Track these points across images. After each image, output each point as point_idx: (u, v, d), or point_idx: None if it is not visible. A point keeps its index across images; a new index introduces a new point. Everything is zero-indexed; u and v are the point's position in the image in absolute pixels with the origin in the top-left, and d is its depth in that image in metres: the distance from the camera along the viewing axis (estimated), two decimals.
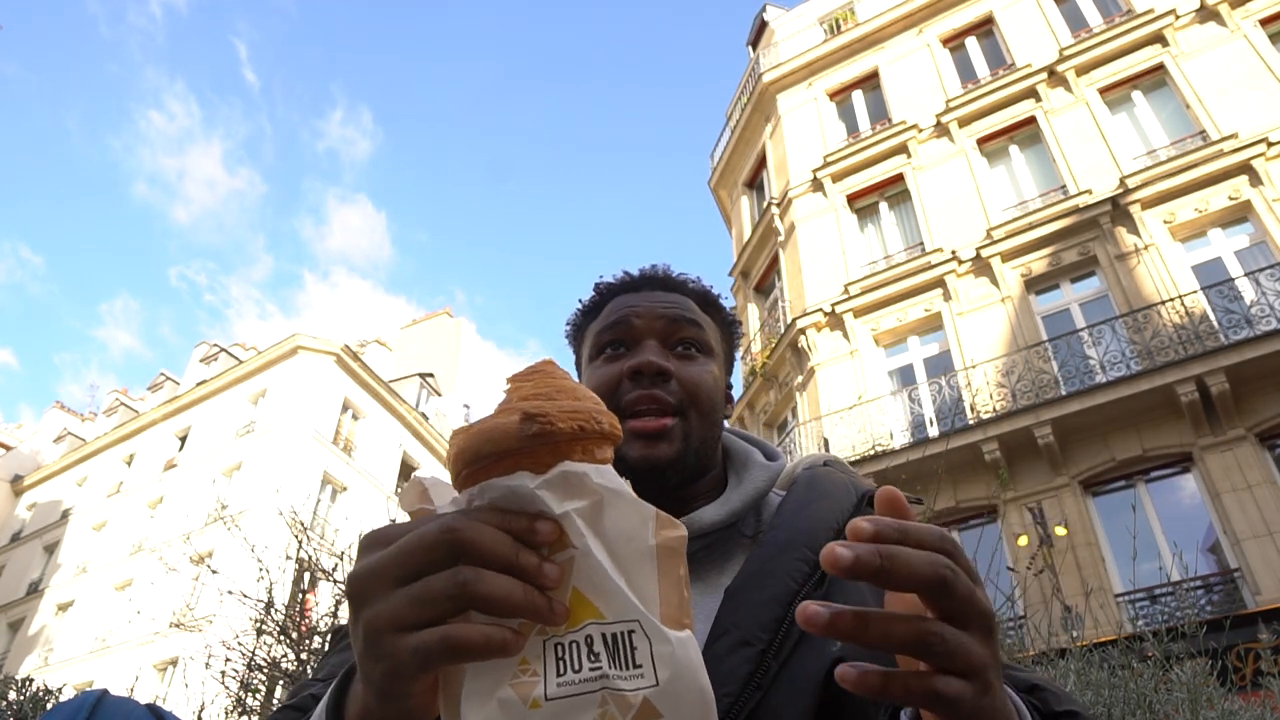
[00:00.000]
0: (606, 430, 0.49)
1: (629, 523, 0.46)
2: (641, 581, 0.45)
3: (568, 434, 0.47)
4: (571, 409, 0.48)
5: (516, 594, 0.42)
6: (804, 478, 0.91)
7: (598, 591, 0.45)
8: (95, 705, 0.69)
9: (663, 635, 0.44)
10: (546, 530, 0.44)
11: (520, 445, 0.46)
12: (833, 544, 0.44)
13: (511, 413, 0.47)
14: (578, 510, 0.45)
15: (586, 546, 0.45)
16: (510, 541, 0.44)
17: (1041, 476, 10.18)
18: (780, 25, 18.51)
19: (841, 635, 0.43)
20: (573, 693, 0.43)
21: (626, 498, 0.47)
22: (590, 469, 0.46)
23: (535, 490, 0.45)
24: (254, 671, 4.18)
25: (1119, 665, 3.14)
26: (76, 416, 35.14)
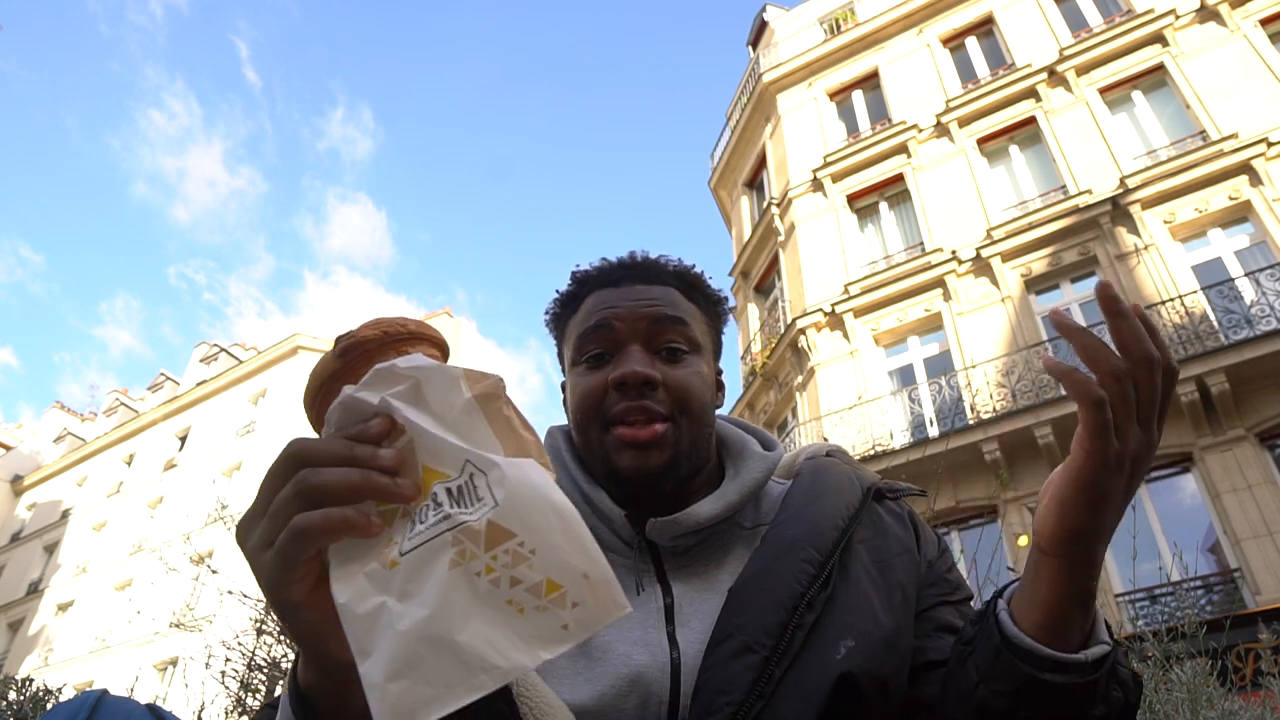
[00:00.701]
0: (413, 329, 0.53)
1: (444, 389, 0.48)
2: (476, 435, 0.47)
3: (374, 339, 0.52)
4: (375, 321, 0.52)
5: (353, 477, 0.45)
6: (808, 468, 0.90)
7: (439, 458, 0.46)
8: (95, 705, 0.69)
9: (491, 462, 0.44)
10: (376, 424, 0.47)
11: (337, 366, 0.52)
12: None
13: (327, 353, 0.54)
14: (394, 394, 0.48)
15: (414, 423, 0.47)
16: (344, 442, 0.47)
17: (1041, 476, 10.18)
18: (780, 25, 18.50)
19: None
20: (423, 541, 0.44)
21: (434, 369, 0.48)
22: (397, 360, 0.49)
23: (355, 394, 0.49)
24: (254, 671, 4.18)
25: None
26: (76, 416, 35.14)
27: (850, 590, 0.76)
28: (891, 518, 0.87)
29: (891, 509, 0.88)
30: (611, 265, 0.93)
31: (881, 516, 0.86)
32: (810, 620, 0.72)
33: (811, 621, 0.72)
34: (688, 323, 0.88)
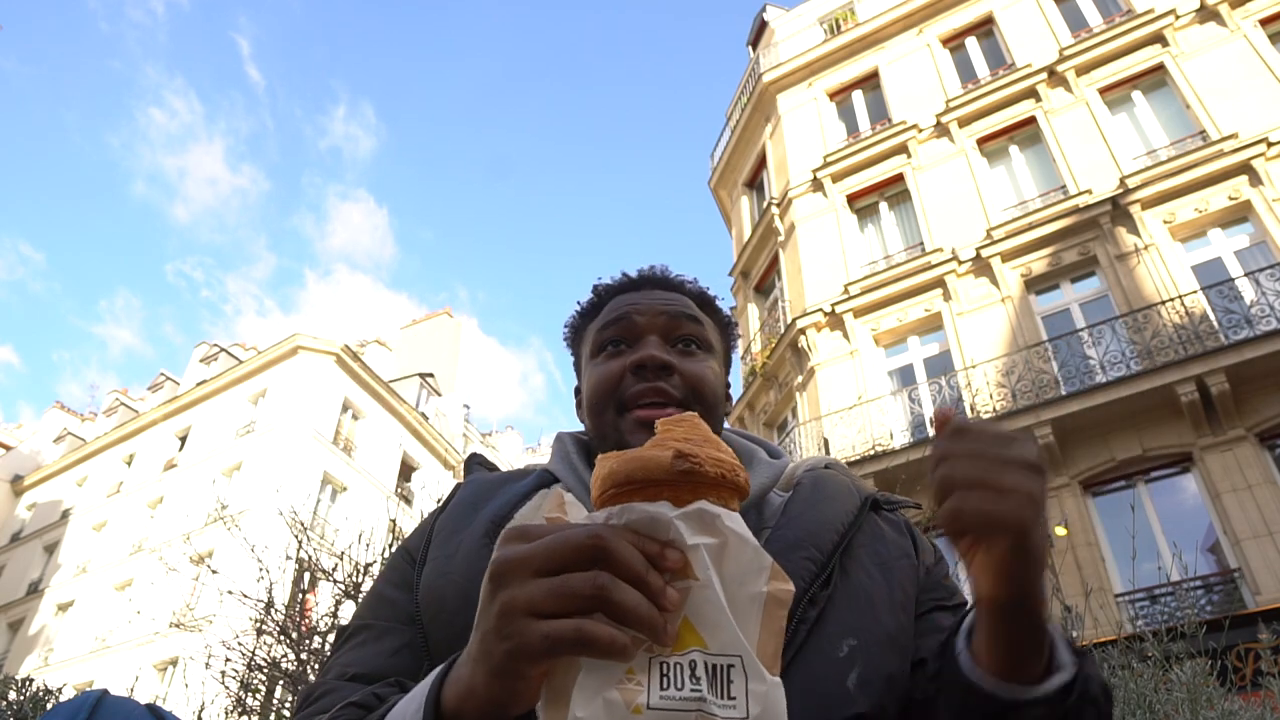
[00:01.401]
0: (742, 484, 0.54)
1: (747, 567, 0.50)
2: (746, 623, 0.49)
3: (711, 478, 0.52)
4: (718, 458, 0.53)
5: (642, 607, 0.46)
6: (808, 479, 0.92)
7: (706, 624, 0.48)
8: (95, 705, 0.69)
9: (760, 674, 0.47)
10: (675, 558, 0.49)
11: (668, 478, 0.52)
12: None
13: (665, 448, 0.53)
14: (706, 546, 0.49)
15: (708, 579, 0.48)
16: (643, 560, 0.48)
17: None
18: (780, 25, 18.50)
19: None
20: (672, 707, 0.46)
21: (750, 545, 0.50)
22: (724, 512, 0.51)
23: (673, 519, 0.50)
24: (254, 671, 4.18)
25: (1119, 665, 3.14)
26: (76, 416, 35.13)
27: (852, 589, 0.77)
28: (889, 526, 0.89)
29: (888, 519, 0.91)
30: (632, 276, 1.00)
31: (880, 525, 0.89)
32: (813, 615, 0.74)
33: (814, 617, 0.74)
34: (702, 324, 0.94)
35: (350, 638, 0.84)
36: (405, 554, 0.91)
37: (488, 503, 0.89)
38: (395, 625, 0.82)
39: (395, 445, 27.20)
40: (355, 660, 0.79)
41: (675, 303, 0.94)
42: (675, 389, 0.86)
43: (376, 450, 26.15)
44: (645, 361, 0.86)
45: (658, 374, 0.86)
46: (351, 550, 4.65)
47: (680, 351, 0.90)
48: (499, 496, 0.89)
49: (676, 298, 0.95)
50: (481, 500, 0.90)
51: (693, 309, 0.95)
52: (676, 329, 0.91)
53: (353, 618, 0.89)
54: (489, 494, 0.91)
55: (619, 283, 0.99)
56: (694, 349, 0.91)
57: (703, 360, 0.91)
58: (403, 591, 0.85)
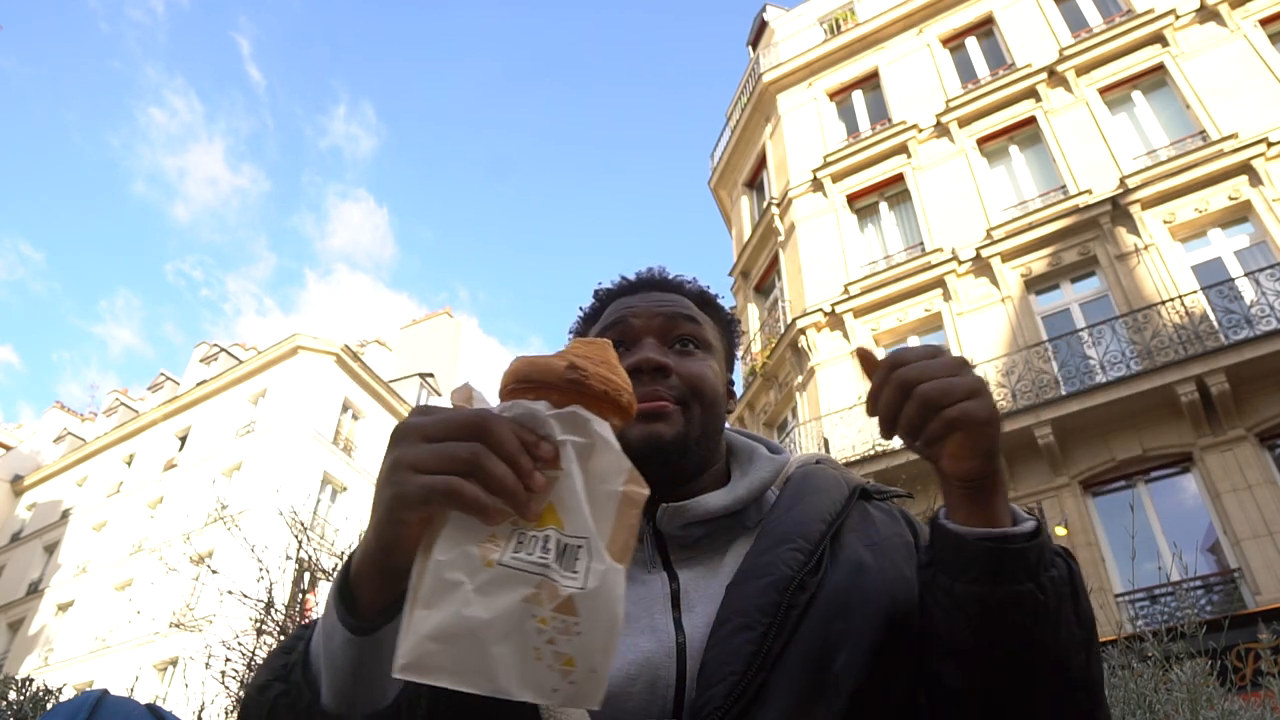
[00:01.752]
0: (624, 404, 0.61)
1: (609, 468, 0.56)
2: (602, 516, 0.55)
3: (594, 391, 0.59)
4: (607, 377, 0.60)
5: (509, 479, 0.53)
6: (797, 475, 0.93)
7: (565, 509, 0.55)
8: (95, 705, 0.69)
9: (602, 556, 0.54)
10: (547, 450, 0.55)
11: (557, 383, 0.59)
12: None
13: (563, 359, 0.60)
14: (574, 443, 0.56)
15: (571, 472, 0.55)
16: (518, 444, 0.54)
17: (1041, 476, 10.18)
18: (780, 25, 18.51)
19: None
20: (519, 567, 0.53)
21: (614, 449, 0.57)
22: (594, 419, 0.58)
23: (549, 416, 0.57)
24: (254, 671, 4.17)
25: (1119, 665, 3.14)
26: (76, 416, 35.14)
27: (842, 573, 0.79)
28: (880, 513, 0.90)
29: (881, 507, 0.92)
30: (631, 280, 1.02)
31: (870, 512, 0.90)
32: (804, 600, 0.75)
33: (805, 601, 0.75)
34: (701, 324, 0.95)
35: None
36: None
37: None
38: None
39: None
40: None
41: (672, 303, 0.95)
42: (672, 389, 0.87)
43: (376, 450, 26.13)
44: (641, 365, 0.87)
45: (654, 377, 0.87)
46: (351, 550, 4.64)
47: (678, 352, 0.91)
48: None
49: (674, 298, 0.96)
50: None
51: (690, 309, 0.96)
52: (673, 329, 0.92)
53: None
54: None
55: (618, 286, 1.01)
56: (692, 348, 0.92)
57: (701, 359, 0.92)
58: None
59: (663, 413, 0.85)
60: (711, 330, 0.97)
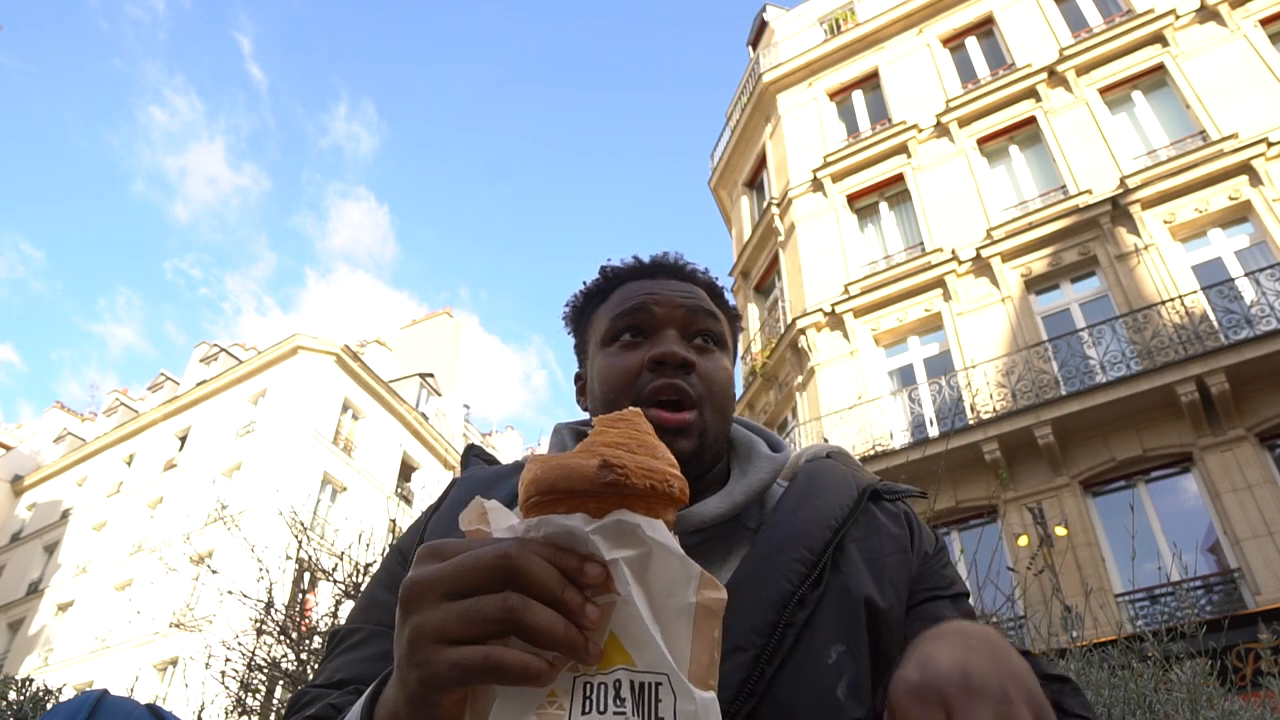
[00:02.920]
0: (675, 494, 0.51)
1: (673, 578, 0.47)
2: (676, 637, 0.46)
3: (639, 490, 0.49)
4: (648, 467, 0.50)
5: (557, 627, 0.44)
6: (805, 471, 0.90)
7: (633, 640, 0.46)
8: (95, 705, 0.69)
9: (689, 693, 0.44)
10: (594, 573, 0.46)
11: (591, 489, 0.49)
12: None
13: (592, 456, 0.50)
14: (626, 559, 0.47)
15: (629, 594, 0.46)
16: (559, 577, 0.45)
17: (1041, 476, 10.18)
18: (780, 25, 18.50)
19: None
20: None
21: (675, 554, 0.48)
22: (644, 521, 0.48)
23: (590, 533, 0.47)
24: (254, 671, 4.18)
25: (1119, 665, 3.14)
26: (76, 416, 35.13)
27: (843, 589, 0.75)
28: (887, 517, 0.87)
29: (888, 509, 0.88)
30: (644, 262, 0.96)
31: (877, 517, 0.86)
32: (802, 618, 0.72)
33: (803, 619, 0.72)
34: (719, 319, 0.92)
35: (341, 641, 0.83)
36: (398, 554, 0.90)
37: None
38: (383, 629, 0.81)
39: (395, 445, 27.20)
40: (343, 665, 0.79)
41: (692, 295, 0.91)
42: (693, 387, 0.84)
43: (376, 450, 26.15)
44: (666, 358, 0.83)
45: (677, 371, 0.83)
46: (351, 550, 4.65)
47: (698, 348, 0.88)
48: (493, 495, 0.88)
49: (692, 289, 0.92)
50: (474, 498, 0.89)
51: (709, 302, 0.92)
52: (695, 324, 0.89)
53: (345, 620, 0.88)
54: (483, 492, 0.88)
55: (631, 267, 0.96)
56: (710, 345, 0.89)
57: (717, 359, 0.89)
58: (393, 594, 0.83)
59: (684, 427, 0.81)
60: (724, 325, 0.94)
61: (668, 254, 0.96)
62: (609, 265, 0.97)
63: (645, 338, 0.87)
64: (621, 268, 0.96)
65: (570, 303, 0.98)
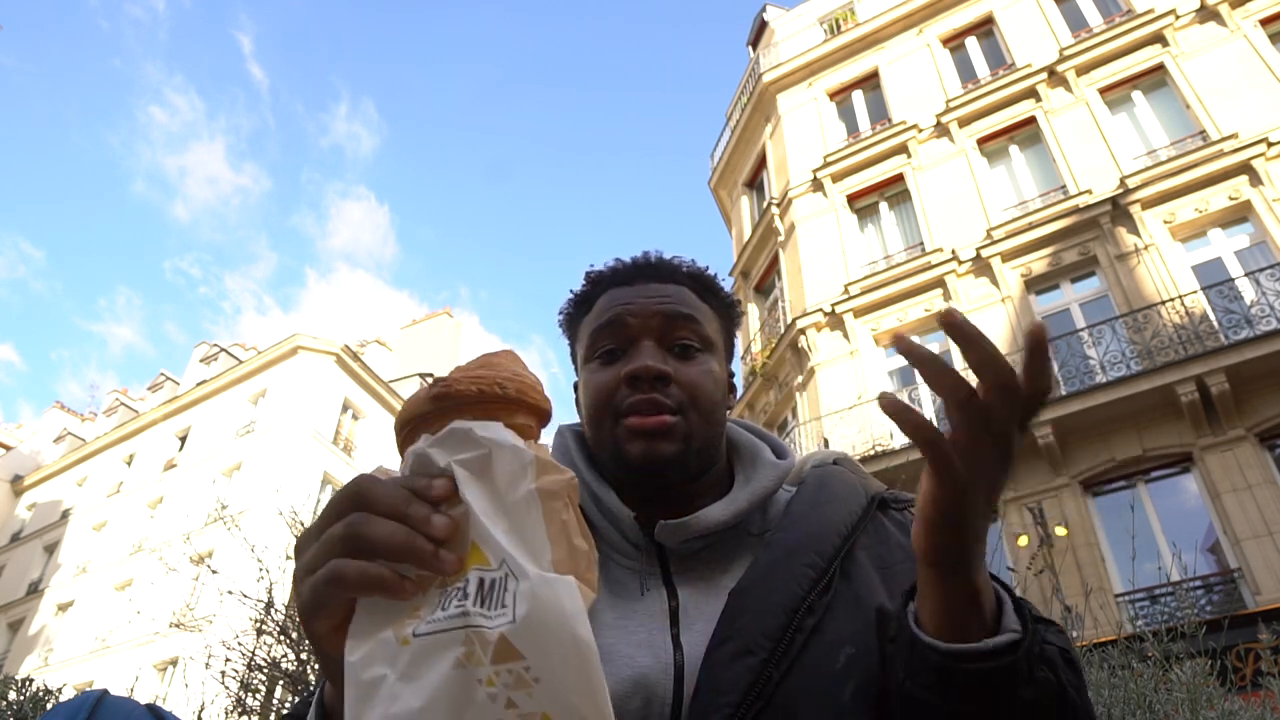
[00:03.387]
0: (511, 395, 0.51)
1: (512, 470, 0.47)
2: (530, 528, 0.45)
3: (468, 396, 0.50)
4: (476, 375, 0.51)
5: (399, 537, 0.45)
6: (814, 476, 0.89)
7: (484, 540, 0.45)
8: (95, 705, 0.69)
9: (524, 571, 0.43)
10: (440, 485, 0.47)
11: (427, 408, 0.51)
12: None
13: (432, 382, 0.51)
14: (462, 461, 0.47)
15: (469, 497, 0.46)
16: (404, 494, 0.47)
17: (1041, 476, 10.18)
18: (780, 25, 18.50)
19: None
20: (437, 629, 0.43)
21: (509, 447, 0.47)
22: (475, 424, 0.48)
23: (427, 449, 0.48)
24: (254, 671, 4.18)
25: (1119, 665, 3.14)
26: (76, 416, 35.13)
27: (852, 595, 0.75)
28: (895, 526, 0.86)
29: (896, 519, 0.88)
30: (625, 265, 0.94)
31: (886, 525, 0.86)
32: (811, 624, 0.72)
33: (812, 625, 0.72)
34: (700, 321, 0.89)
35: None
36: None
37: None
38: None
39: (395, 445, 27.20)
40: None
41: (670, 299, 0.88)
42: (670, 398, 0.82)
43: (377, 450, 26.14)
44: (639, 372, 0.82)
45: (653, 385, 0.82)
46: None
47: (678, 355, 0.86)
48: None
49: (673, 291, 0.90)
50: None
51: (690, 304, 0.89)
52: (673, 330, 0.86)
53: None
54: None
55: (611, 270, 0.94)
56: (692, 350, 0.87)
57: (701, 363, 0.86)
58: None
59: (663, 429, 0.80)
60: (712, 323, 0.91)
61: (648, 254, 0.94)
62: (592, 270, 0.96)
63: (623, 352, 0.86)
64: (604, 272, 0.94)
65: (563, 309, 0.98)
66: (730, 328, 0.96)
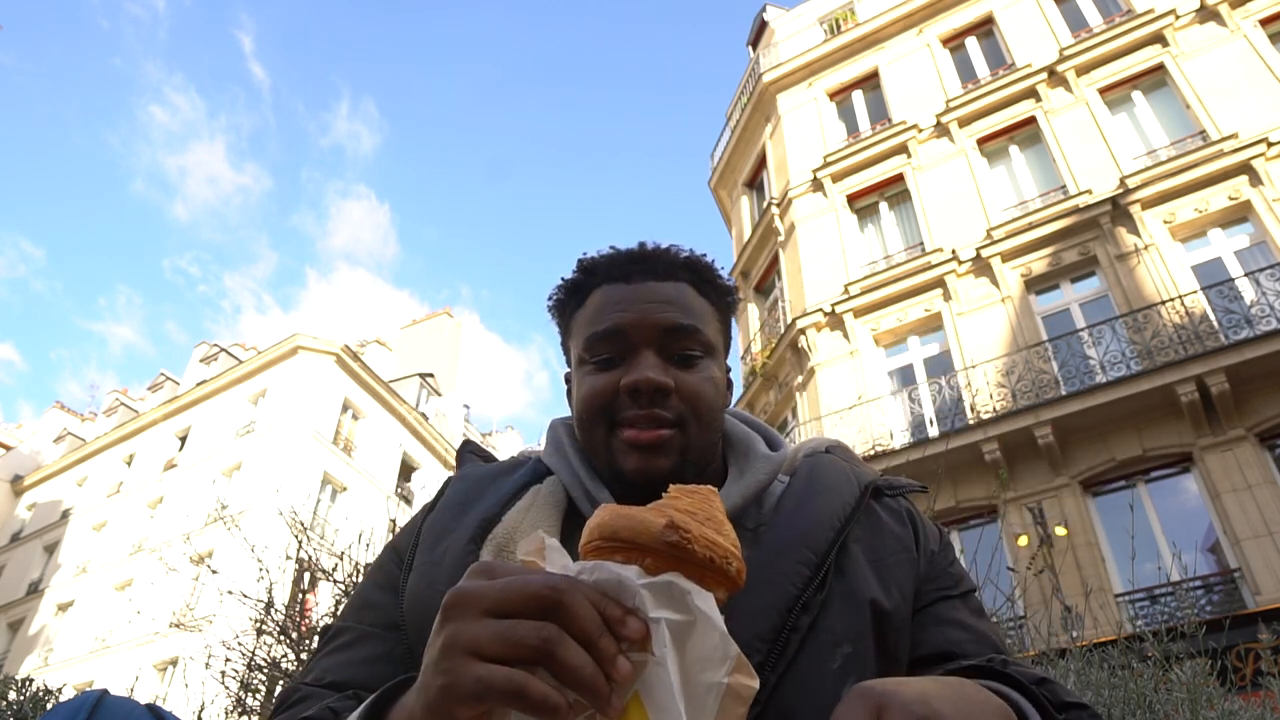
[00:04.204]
0: (732, 574, 0.51)
1: (710, 654, 0.46)
2: (699, 712, 0.45)
3: (698, 558, 0.49)
4: (712, 540, 0.50)
5: (587, 669, 0.43)
6: (805, 466, 0.87)
7: (656, 705, 0.45)
8: (95, 705, 0.69)
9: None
10: (635, 627, 0.46)
11: (653, 545, 0.49)
12: None
13: (661, 515, 0.50)
14: (669, 621, 0.46)
15: (664, 657, 0.45)
16: (599, 622, 0.45)
17: (1041, 476, 10.18)
18: (780, 25, 18.51)
19: None
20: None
21: (717, 630, 0.47)
22: (695, 589, 0.47)
23: (640, 586, 0.47)
24: (254, 671, 4.18)
25: (1119, 665, 3.14)
26: (76, 416, 35.14)
27: (847, 591, 0.75)
28: (890, 515, 0.85)
29: (890, 506, 0.87)
30: (621, 258, 0.90)
31: (879, 514, 0.85)
32: (806, 623, 0.71)
33: (807, 624, 0.71)
34: (701, 328, 0.86)
35: (332, 639, 0.82)
36: (393, 553, 0.88)
37: (476, 502, 0.86)
38: (376, 630, 0.80)
39: (395, 445, 27.21)
40: (333, 666, 0.78)
41: (671, 304, 0.85)
42: (671, 411, 0.81)
43: (376, 450, 26.16)
44: (640, 385, 0.80)
45: (652, 399, 0.80)
46: (351, 550, 4.65)
47: (678, 364, 0.84)
48: (488, 495, 0.87)
49: (672, 292, 0.87)
50: (470, 499, 0.87)
51: (690, 307, 0.87)
52: (673, 342, 0.84)
53: (337, 617, 0.87)
54: (479, 492, 0.88)
55: (607, 262, 0.90)
56: (693, 359, 0.84)
57: (702, 370, 0.84)
58: (387, 594, 0.83)
59: (659, 444, 0.80)
60: (712, 323, 0.89)
61: (644, 245, 0.91)
62: (586, 258, 0.92)
63: (621, 359, 0.84)
64: (600, 261, 0.91)
65: (552, 295, 0.95)
66: (728, 319, 0.94)
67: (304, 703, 0.73)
